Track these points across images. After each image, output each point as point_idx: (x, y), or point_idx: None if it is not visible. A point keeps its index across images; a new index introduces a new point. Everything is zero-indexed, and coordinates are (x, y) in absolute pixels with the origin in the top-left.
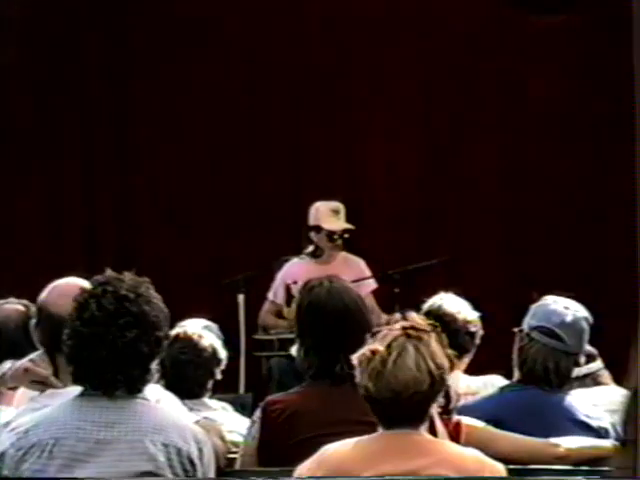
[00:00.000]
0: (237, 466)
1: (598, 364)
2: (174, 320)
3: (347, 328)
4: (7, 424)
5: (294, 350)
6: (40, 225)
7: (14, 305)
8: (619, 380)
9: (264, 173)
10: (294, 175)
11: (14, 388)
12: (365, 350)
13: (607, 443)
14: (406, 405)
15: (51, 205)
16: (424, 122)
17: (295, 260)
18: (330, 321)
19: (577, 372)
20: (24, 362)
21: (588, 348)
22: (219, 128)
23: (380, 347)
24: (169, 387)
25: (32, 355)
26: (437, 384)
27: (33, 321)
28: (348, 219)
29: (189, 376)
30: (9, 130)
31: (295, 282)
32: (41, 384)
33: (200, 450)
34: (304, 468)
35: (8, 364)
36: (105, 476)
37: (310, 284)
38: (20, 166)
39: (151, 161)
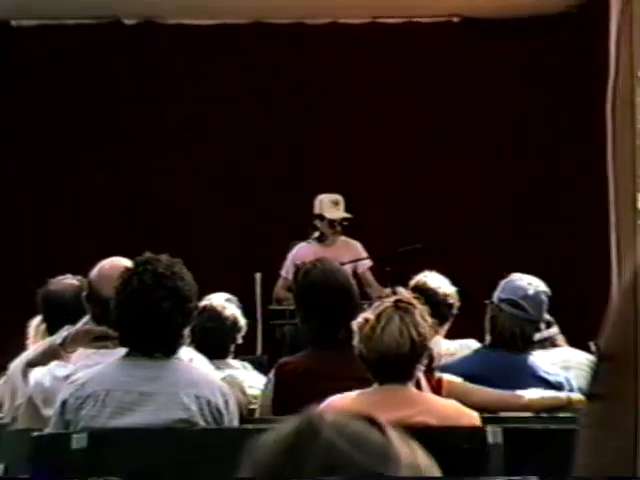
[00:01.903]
0: (256, 415)
1: (555, 330)
2: (202, 294)
3: (342, 301)
4: (67, 377)
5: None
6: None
7: (70, 280)
8: (572, 343)
9: (279, 176)
10: (303, 176)
11: (72, 350)
12: (360, 319)
13: (562, 395)
14: (392, 364)
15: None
16: (413, 126)
17: (303, 244)
18: (329, 296)
19: (538, 336)
20: (80, 326)
21: (547, 317)
22: (241, 137)
23: (371, 316)
24: (199, 349)
25: (83, 320)
26: (418, 348)
27: (84, 294)
28: (346, 209)
29: (215, 340)
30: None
31: (303, 262)
32: (101, 339)
33: (226, 402)
34: None
35: (64, 331)
36: (147, 422)
37: (305, 267)
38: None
39: (184, 162)
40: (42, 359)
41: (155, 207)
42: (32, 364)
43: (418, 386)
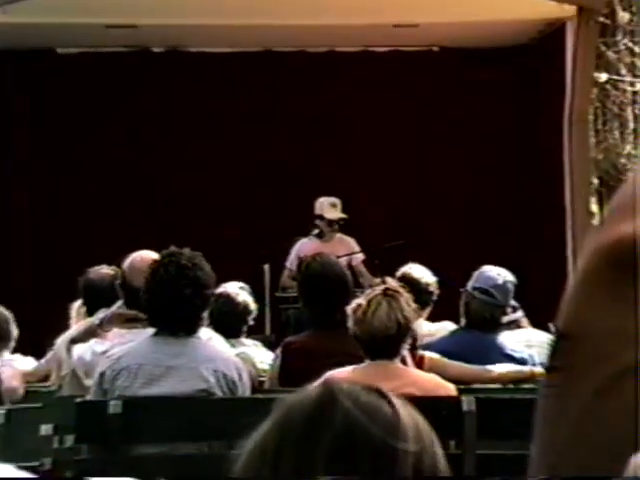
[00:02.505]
0: (265, 386)
1: (520, 314)
2: (218, 282)
3: (338, 289)
4: (104, 353)
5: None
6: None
7: (106, 270)
8: (536, 324)
9: (285, 183)
10: (305, 182)
11: (108, 330)
12: (354, 304)
13: (526, 369)
14: (381, 343)
15: (137, 202)
16: (400, 139)
17: (305, 240)
18: (327, 285)
19: (505, 319)
20: (114, 309)
21: (513, 302)
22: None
23: (363, 302)
24: (216, 330)
25: (117, 304)
26: (403, 330)
27: (118, 282)
28: (342, 210)
29: (229, 322)
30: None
31: (306, 256)
32: (133, 321)
33: (239, 375)
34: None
35: (101, 313)
36: (172, 391)
37: (307, 260)
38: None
39: (205, 170)
40: (83, 337)
41: (180, 208)
42: (74, 341)
43: (404, 362)
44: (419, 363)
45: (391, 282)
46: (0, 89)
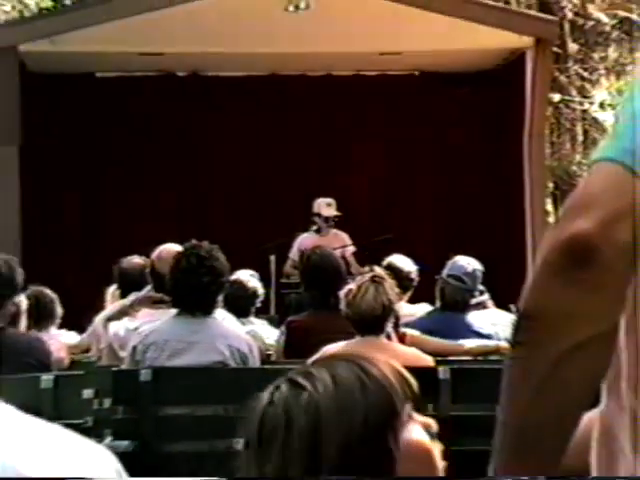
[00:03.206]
0: (272, 358)
1: (486, 297)
2: (232, 270)
3: (333, 277)
4: (136, 329)
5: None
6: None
7: (137, 260)
8: (499, 306)
9: (287, 187)
10: (306, 186)
11: (139, 310)
12: (346, 289)
13: (491, 343)
14: (369, 322)
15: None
16: (387, 149)
17: (305, 235)
18: (327, 273)
19: (474, 302)
20: (143, 293)
21: (480, 287)
22: (263, 159)
23: (354, 287)
24: (229, 311)
25: (146, 288)
26: (387, 310)
27: (147, 270)
28: (337, 209)
29: (241, 304)
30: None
31: (306, 249)
32: (159, 302)
33: (250, 349)
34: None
35: (132, 296)
36: (193, 363)
37: (307, 253)
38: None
39: (223, 177)
40: (117, 316)
41: (201, 209)
42: (110, 319)
43: (388, 338)
44: (401, 339)
45: (378, 270)
46: (48, 107)
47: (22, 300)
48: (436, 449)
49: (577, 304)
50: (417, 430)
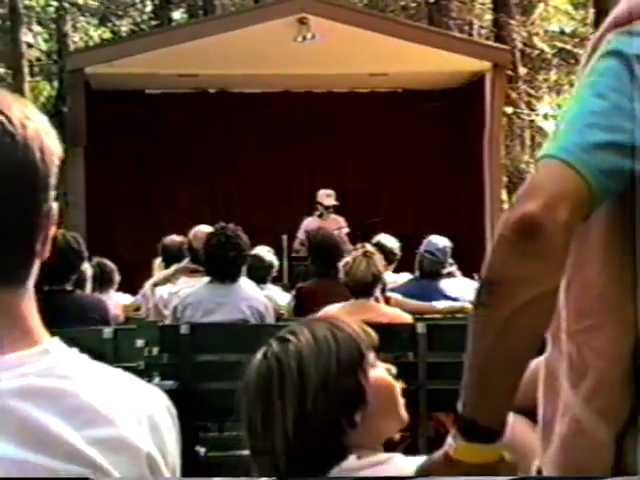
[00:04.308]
0: (284, 317)
1: (454, 268)
2: (252, 246)
3: (334, 252)
4: (176, 293)
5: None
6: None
7: (177, 238)
8: (465, 275)
9: (296, 181)
10: (311, 180)
11: (179, 278)
12: (343, 261)
13: (458, 305)
14: (361, 288)
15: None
16: (375, 151)
17: (310, 219)
18: (329, 249)
19: (444, 272)
20: (182, 264)
21: (450, 260)
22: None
23: (350, 260)
24: (250, 278)
25: (184, 261)
26: (376, 279)
27: (185, 246)
28: (336, 199)
29: (260, 274)
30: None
31: (312, 230)
32: (195, 272)
33: (266, 309)
34: (313, 319)
35: (174, 266)
36: (222, 319)
37: (312, 233)
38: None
39: (245, 176)
40: (162, 282)
41: (229, 198)
42: (156, 284)
43: (377, 300)
44: (387, 301)
45: (368, 247)
46: (107, 116)
47: (87, 268)
48: (397, 386)
49: (526, 270)
50: (381, 370)
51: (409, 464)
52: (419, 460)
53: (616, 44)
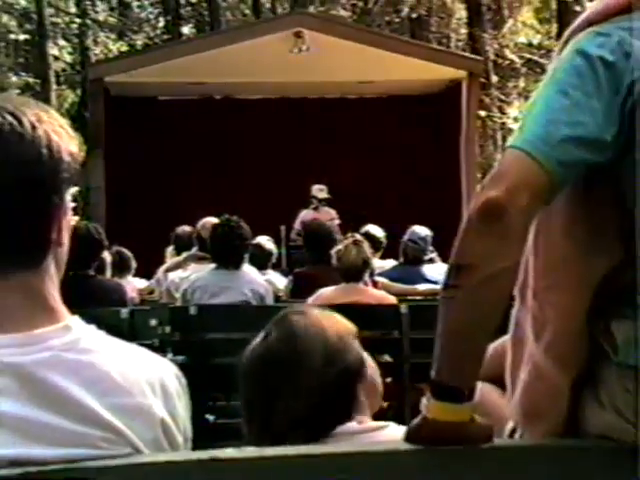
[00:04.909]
0: (282, 299)
1: (435, 254)
2: (254, 236)
3: (326, 240)
4: (186, 277)
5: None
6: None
7: (187, 228)
8: (444, 260)
9: (293, 177)
10: (307, 176)
11: (188, 264)
12: (335, 249)
13: (438, 288)
14: (352, 273)
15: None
16: (365, 150)
17: (305, 211)
18: (322, 238)
19: (426, 258)
20: (192, 252)
21: (430, 248)
22: (277, 158)
23: (341, 247)
24: (252, 265)
25: (194, 249)
26: (365, 265)
27: (194, 235)
28: (328, 193)
29: (261, 261)
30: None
31: (307, 221)
32: (203, 259)
33: (267, 292)
34: (310, 302)
35: (184, 254)
36: (226, 301)
37: (308, 223)
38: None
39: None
40: (173, 267)
41: (234, 194)
42: (168, 270)
43: (366, 284)
44: (374, 284)
45: (357, 236)
46: (125, 120)
47: (107, 256)
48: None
49: (490, 248)
50: (365, 354)
51: (402, 431)
52: None
53: (583, 44)
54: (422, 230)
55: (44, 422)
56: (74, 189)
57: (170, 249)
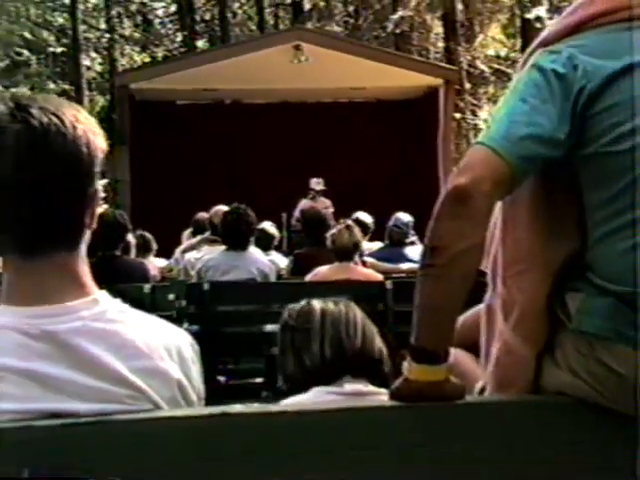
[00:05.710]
0: (284, 277)
1: (416, 238)
2: (259, 222)
3: (322, 225)
4: (200, 258)
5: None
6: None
7: (202, 214)
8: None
9: (294, 172)
10: (306, 171)
11: (202, 246)
12: (330, 233)
13: (416, 266)
14: (344, 253)
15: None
16: (355, 150)
17: (304, 201)
18: (318, 224)
19: (408, 241)
20: (205, 235)
21: (412, 232)
22: (281, 156)
23: (335, 231)
24: (257, 247)
25: (207, 233)
26: (356, 246)
27: (207, 221)
28: (324, 185)
29: (265, 243)
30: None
31: (306, 209)
32: (214, 242)
33: (270, 270)
34: (307, 279)
35: (198, 237)
36: (235, 278)
37: (306, 211)
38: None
39: (257, 168)
40: (189, 249)
41: (242, 185)
42: (185, 251)
43: (356, 263)
44: (364, 264)
45: (349, 222)
46: (147, 122)
47: (131, 239)
48: None
49: (458, 227)
50: None
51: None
52: None
53: (539, 60)
54: (405, 216)
55: (78, 382)
56: (104, 181)
57: (187, 232)
